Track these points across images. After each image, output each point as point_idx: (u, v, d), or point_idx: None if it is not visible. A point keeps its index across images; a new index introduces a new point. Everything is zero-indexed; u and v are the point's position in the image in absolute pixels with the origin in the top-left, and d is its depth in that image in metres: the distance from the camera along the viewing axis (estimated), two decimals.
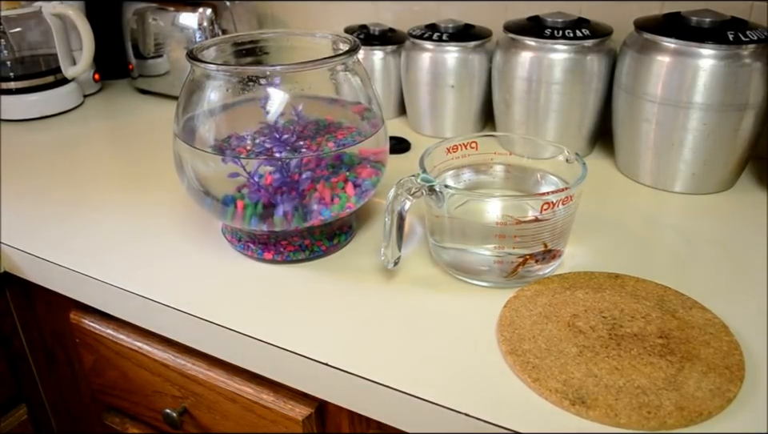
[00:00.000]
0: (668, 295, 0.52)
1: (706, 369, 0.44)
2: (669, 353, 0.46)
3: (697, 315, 0.50)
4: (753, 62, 0.65)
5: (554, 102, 0.77)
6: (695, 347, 0.46)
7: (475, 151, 0.62)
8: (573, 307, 0.51)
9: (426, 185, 0.53)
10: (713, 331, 0.48)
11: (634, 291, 0.53)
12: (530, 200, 0.53)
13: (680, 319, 0.49)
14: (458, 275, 0.57)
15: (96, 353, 0.69)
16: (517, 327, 0.49)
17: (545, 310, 0.51)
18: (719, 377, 0.43)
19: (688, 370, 0.44)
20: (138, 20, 1.05)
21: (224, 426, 0.62)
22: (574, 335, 0.48)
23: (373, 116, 0.61)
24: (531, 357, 0.46)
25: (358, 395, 0.48)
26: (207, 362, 0.60)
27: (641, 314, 0.50)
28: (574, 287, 0.54)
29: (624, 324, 0.49)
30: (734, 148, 0.69)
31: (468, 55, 0.84)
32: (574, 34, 0.74)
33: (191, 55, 0.57)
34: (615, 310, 0.50)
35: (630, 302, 0.51)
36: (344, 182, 0.58)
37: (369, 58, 0.91)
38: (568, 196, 0.51)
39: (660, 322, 0.49)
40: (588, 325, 0.49)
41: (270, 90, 0.56)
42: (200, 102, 0.58)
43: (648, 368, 0.44)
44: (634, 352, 0.46)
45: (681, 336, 0.47)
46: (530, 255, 0.53)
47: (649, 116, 0.70)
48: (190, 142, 0.58)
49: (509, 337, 0.48)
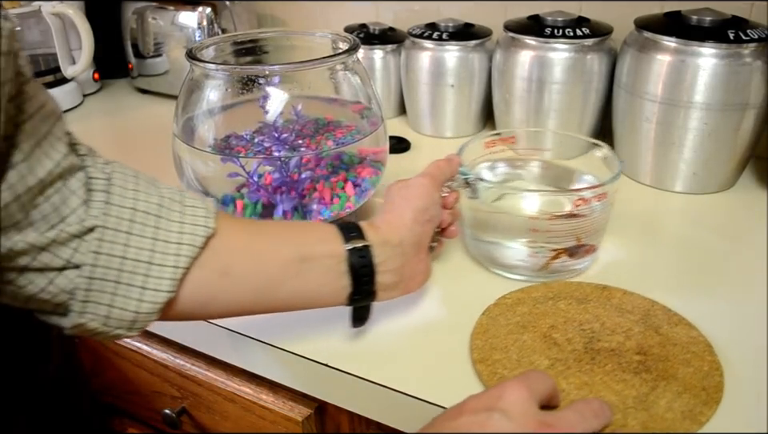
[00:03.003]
0: (654, 310, 0.50)
1: (682, 389, 0.42)
2: (645, 370, 0.44)
3: (681, 333, 0.48)
4: (753, 61, 0.64)
5: (554, 102, 0.77)
6: (674, 366, 0.44)
7: (513, 146, 0.62)
8: (552, 318, 0.49)
9: (462, 177, 0.53)
10: (695, 350, 0.46)
11: (620, 304, 0.51)
12: (565, 195, 0.53)
13: (663, 336, 0.47)
14: (492, 268, 0.57)
15: (95, 353, 0.69)
16: (491, 335, 0.48)
17: (523, 319, 0.49)
18: (694, 398, 0.41)
19: (662, 389, 0.42)
20: (137, 19, 1.05)
21: (223, 426, 0.62)
22: (548, 347, 0.46)
23: (372, 115, 0.61)
24: (500, 368, 0.45)
25: (358, 396, 0.47)
26: (206, 362, 0.60)
27: (622, 328, 0.48)
28: (558, 297, 0.52)
29: (602, 338, 0.47)
30: (734, 147, 0.68)
31: (468, 54, 0.84)
32: (574, 33, 0.74)
33: (190, 55, 0.57)
34: (596, 323, 0.49)
35: (613, 315, 0.50)
36: (344, 181, 0.58)
37: (369, 57, 0.91)
38: (603, 192, 0.51)
39: (641, 337, 0.47)
40: (565, 337, 0.47)
41: (269, 90, 0.56)
42: (199, 101, 0.58)
43: (620, 385, 0.42)
44: (608, 368, 0.44)
45: (660, 353, 0.45)
46: (563, 250, 0.53)
47: (649, 115, 0.70)
48: (189, 142, 0.58)
49: (481, 346, 0.47)
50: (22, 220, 0.34)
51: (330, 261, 0.43)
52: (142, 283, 0.38)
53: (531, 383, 0.36)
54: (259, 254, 0.43)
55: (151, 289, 0.38)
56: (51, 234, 0.35)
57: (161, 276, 0.38)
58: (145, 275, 0.38)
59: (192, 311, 0.41)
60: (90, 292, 0.36)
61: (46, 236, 0.35)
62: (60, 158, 0.35)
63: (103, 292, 0.37)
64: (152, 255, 0.38)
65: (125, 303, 0.37)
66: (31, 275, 0.35)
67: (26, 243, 0.34)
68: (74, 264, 0.36)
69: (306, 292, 0.44)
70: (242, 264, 0.42)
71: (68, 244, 0.36)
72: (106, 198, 0.37)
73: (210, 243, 0.40)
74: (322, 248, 0.43)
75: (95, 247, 0.36)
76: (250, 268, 0.42)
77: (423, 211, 0.47)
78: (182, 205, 0.40)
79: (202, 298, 0.41)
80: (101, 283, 0.37)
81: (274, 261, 0.42)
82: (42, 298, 0.36)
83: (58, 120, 0.36)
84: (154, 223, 0.38)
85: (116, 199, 0.38)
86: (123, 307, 0.37)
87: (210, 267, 0.40)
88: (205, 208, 0.41)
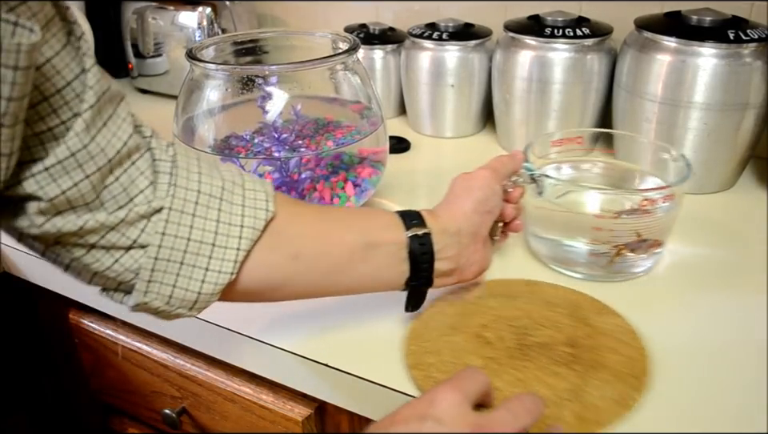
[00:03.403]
0: (582, 302, 0.51)
1: (611, 377, 0.43)
2: (575, 362, 0.45)
3: (608, 322, 0.49)
4: (753, 61, 0.64)
5: (554, 102, 0.77)
6: (602, 355, 0.45)
7: (580, 146, 0.62)
8: (483, 317, 0.49)
9: (528, 173, 0.54)
10: (622, 337, 0.47)
11: (548, 298, 0.52)
12: (630, 195, 0.53)
13: (591, 326, 0.48)
14: (553, 265, 0.57)
15: (95, 353, 0.69)
16: (424, 339, 0.48)
17: (454, 320, 0.49)
18: (623, 385, 0.43)
19: (593, 379, 0.43)
20: (137, 19, 1.05)
21: (223, 426, 0.62)
22: (481, 347, 0.46)
23: (372, 114, 0.61)
24: (434, 371, 0.44)
25: (358, 396, 0.47)
26: (206, 362, 0.60)
27: (551, 322, 0.49)
28: (487, 295, 0.52)
29: (533, 333, 0.47)
30: (734, 147, 0.68)
31: (468, 54, 0.84)
32: (575, 33, 0.74)
33: (190, 55, 0.57)
34: (526, 318, 0.49)
35: (542, 310, 0.50)
36: (344, 181, 0.58)
37: (369, 57, 0.91)
38: (669, 194, 0.51)
39: (570, 330, 0.48)
40: (496, 335, 0.47)
41: (269, 90, 0.56)
42: (199, 101, 0.58)
43: (552, 379, 0.43)
44: (540, 363, 0.44)
45: (589, 344, 0.46)
46: (624, 245, 0.53)
47: (649, 115, 0.70)
48: (189, 142, 0.58)
49: (415, 350, 0.47)
50: (93, 200, 0.34)
51: (393, 247, 0.44)
52: (206, 265, 0.38)
53: (463, 384, 0.36)
54: (327, 238, 0.44)
55: (215, 270, 0.39)
56: (120, 213, 0.35)
57: (224, 258, 0.39)
58: (209, 257, 0.38)
59: (262, 293, 0.42)
60: (155, 272, 0.37)
61: (115, 216, 0.35)
62: (127, 138, 0.36)
63: (167, 273, 0.38)
64: (216, 237, 0.39)
65: (188, 284, 0.38)
66: (98, 253, 0.36)
67: (95, 221, 0.35)
68: (141, 244, 0.37)
69: (369, 277, 0.45)
70: (311, 248, 0.43)
71: (136, 224, 0.36)
72: (171, 181, 0.38)
73: (278, 226, 0.41)
74: (385, 235, 0.44)
75: (161, 227, 0.37)
76: (319, 252, 0.43)
77: (483, 202, 0.48)
78: (243, 189, 0.41)
79: (276, 281, 0.42)
80: (166, 264, 0.37)
81: (342, 246, 0.44)
82: (108, 275, 0.37)
83: (122, 101, 0.37)
84: (218, 205, 0.39)
85: (182, 181, 0.38)
86: (186, 288, 0.38)
87: (281, 251, 0.41)
88: (264, 192, 0.42)
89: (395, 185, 0.73)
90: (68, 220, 0.34)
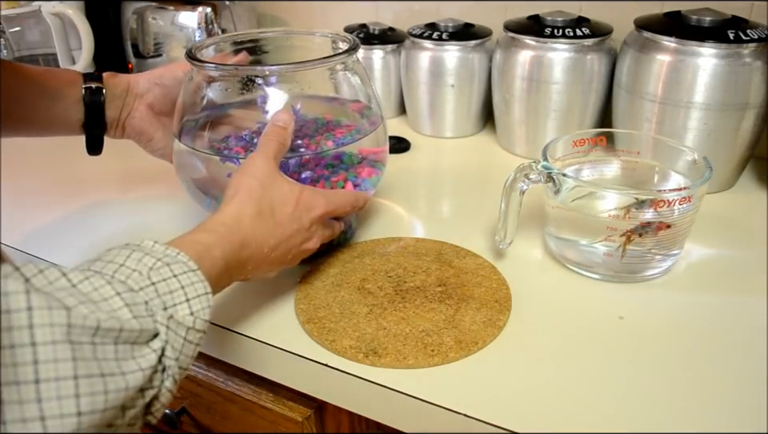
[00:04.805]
0: (444, 249, 0.59)
1: (479, 305, 0.51)
2: (447, 298, 0.52)
3: (470, 262, 0.57)
4: (753, 61, 0.64)
5: (554, 102, 0.77)
6: (469, 289, 0.53)
7: (601, 146, 0.62)
8: (362, 273, 0.56)
9: (546, 172, 0.54)
10: (483, 274, 0.55)
11: (415, 250, 0.59)
12: (648, 197, 0.52)
13: (455, 268, 0.56)
14: (571, 266, 0.57)
15: None
16: (312, 298, 0.53)
17: (336, 279, 0.56)
18: (490, 310, 0.51)
19: (464, 309, 0.51)
20: (137, 19, 1.05)
21: (223, 426, 0.62)
22: (364, 297, 0.53)
23: (372, 114, 0.61)
24: (327, 322, 0.50)
25: (358, 396, 0.47)
26: (206, 362, 0.60)
27: (422, 268, 0.56)
28: (362, 255, 0.59)
29: (407, 280, 0.55)
30: (734, 147, 0.68)
31: (468, 54, 0.84)
32: (574, 33, 0.74)
33: (190, 54, 0.57)
34: (399, 269, 0.56)
35: (412, 260, 0.58)
36: (344, 181, 0.58)
37: (369, 57, 0.91)
38: (687, 196, 0.51)
39: (439, 273, 0.55)
40: (376, 286, 0.54)
41: (268, 90, 0.56)
42: (199, 101, 0.58)
43: (430, 314, 0.50)
44: (417, 302, 0.52)
45: (456, 282, 0.54)
46: (631, 231, 0.52)
47: (649, 115, 0.70)
48: (188, 143, 0.58)
49: (305, 309, 0.52)
50: None
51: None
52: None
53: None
54: None
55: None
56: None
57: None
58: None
59: None
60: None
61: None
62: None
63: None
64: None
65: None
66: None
67: None
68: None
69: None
70: None
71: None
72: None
73: None
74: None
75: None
76: None
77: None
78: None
79: None
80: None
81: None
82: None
83: None
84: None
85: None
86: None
87: None
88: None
89: (395, 185, 0.73)
90: None
